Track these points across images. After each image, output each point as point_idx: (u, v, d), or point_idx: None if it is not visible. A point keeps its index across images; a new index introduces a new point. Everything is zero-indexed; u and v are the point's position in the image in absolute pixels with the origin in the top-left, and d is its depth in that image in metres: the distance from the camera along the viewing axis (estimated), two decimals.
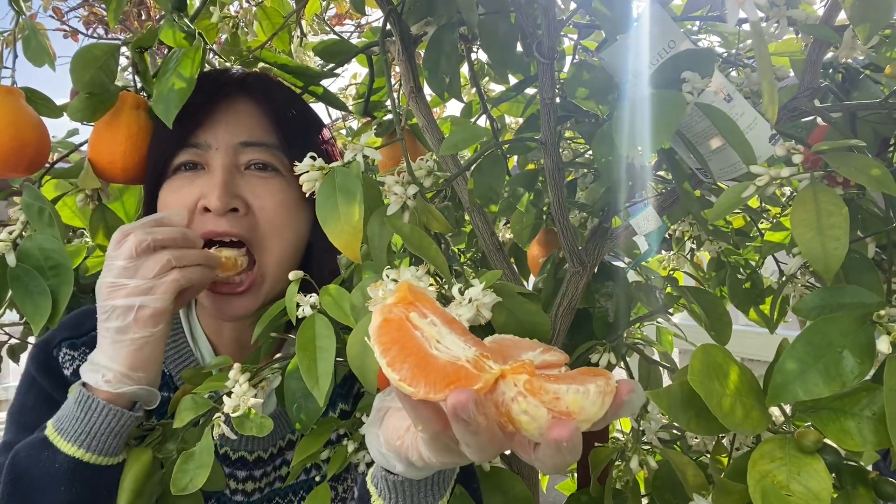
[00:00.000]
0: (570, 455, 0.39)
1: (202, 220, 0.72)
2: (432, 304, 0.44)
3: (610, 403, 0.39)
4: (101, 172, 0.75)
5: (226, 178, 0.72)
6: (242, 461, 0.78)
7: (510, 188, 0.91)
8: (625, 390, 0.39)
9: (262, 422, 0.56)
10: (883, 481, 0.55)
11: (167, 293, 0.62)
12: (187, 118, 0.73)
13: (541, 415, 0.38)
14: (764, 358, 2.03)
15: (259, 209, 0.74)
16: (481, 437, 0.39)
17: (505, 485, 0.68)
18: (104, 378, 0.61)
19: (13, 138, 0.67)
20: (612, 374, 0.41)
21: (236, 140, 0.74)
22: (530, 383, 0.38)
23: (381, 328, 0.41)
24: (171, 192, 0.74)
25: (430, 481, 0.55)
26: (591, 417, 0.38)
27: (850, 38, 0.67)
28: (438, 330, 0.42)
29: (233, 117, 0.75)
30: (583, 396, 0.38)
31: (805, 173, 0.56)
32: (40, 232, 0.67)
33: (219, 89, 0.76)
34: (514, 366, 0.40)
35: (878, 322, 0.50)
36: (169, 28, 0.70)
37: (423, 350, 0.40)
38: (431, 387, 0.38)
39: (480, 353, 0.41)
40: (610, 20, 0.73)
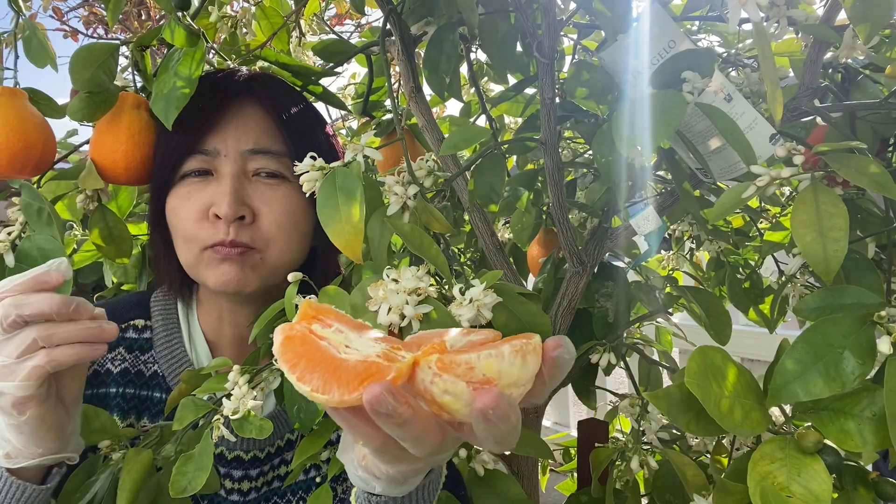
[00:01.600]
0: (504, 424, 0.36)
1: (211, 228, 0.73)
2: (336, 314, 0.43)
3: (537, 363, 0.37)
4: (103, 173, 0.75)
5: (235, 185, 0.72)
6: (238, 461, 0.78)
7: (510, 188, 0.91)
8: (551, 346, 0.38)
9: (261, 424, 0.56)
10: (883, 482, 0.55)
11: (30, 379, 0.53)
12: (197, 124, 0.73)
13: (461, 389, 0.36)
14: (764, 358, 2.03)
15: (265, 215, 0.74)
16: (414, 428, 0.37)
17: (501, 488, 0.68)
18: (3, 452, 0.57)
19: (20, 140, 0.67)
20: (536, 334, 0.39)
21: (245, 147, 0.74)
22: (441, 361, 0.37)
23: (283, 346, 0.40)
24: (180, 198, 0.74)
25: (413, 496, 0.55)
26: (517, 380, 0.37)
27: (849, 38, 0.67)
28: (346, 335, 0.41)
29: (241, 123, 0.75)
30: (497, 359, 0.36)
31: (805, 174, 0.56)
32: (39, 232, 0.67)
33: (227, 94, 0.76)
34: (425, 349, 0.38)
35: (878, 322, 0.50)
36: (171, 26, 0.69)
37: (331, 356, 0.38)
38: (345, 389, 0.36)
39: (392, 346, 0.39)
40: (610, 20, 0.73)
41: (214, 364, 0.65)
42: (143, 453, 0.59)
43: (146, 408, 0.77)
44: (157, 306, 0.82)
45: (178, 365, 0.78)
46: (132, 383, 0.77)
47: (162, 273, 0.81)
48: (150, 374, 0.78)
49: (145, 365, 0.78)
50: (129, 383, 0.77)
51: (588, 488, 0.82)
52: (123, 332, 0.79)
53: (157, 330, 0.80)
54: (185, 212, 0.73)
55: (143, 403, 0.77)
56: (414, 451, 0.40)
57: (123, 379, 0.77)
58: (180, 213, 0.74)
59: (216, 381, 0.61)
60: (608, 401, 1.77)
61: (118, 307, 0.81)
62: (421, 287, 0.53)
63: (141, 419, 0.76)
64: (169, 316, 0.81)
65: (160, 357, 0.78)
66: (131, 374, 0.77)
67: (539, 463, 1.07)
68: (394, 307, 0.52)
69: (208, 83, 0.76)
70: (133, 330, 0.80)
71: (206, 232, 0.73)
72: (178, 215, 0.74)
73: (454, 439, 0.42)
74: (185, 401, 0.60)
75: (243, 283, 0.73)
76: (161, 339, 0.79)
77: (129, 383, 0.77)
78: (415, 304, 0.52)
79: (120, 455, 0.62)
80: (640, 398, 0.86)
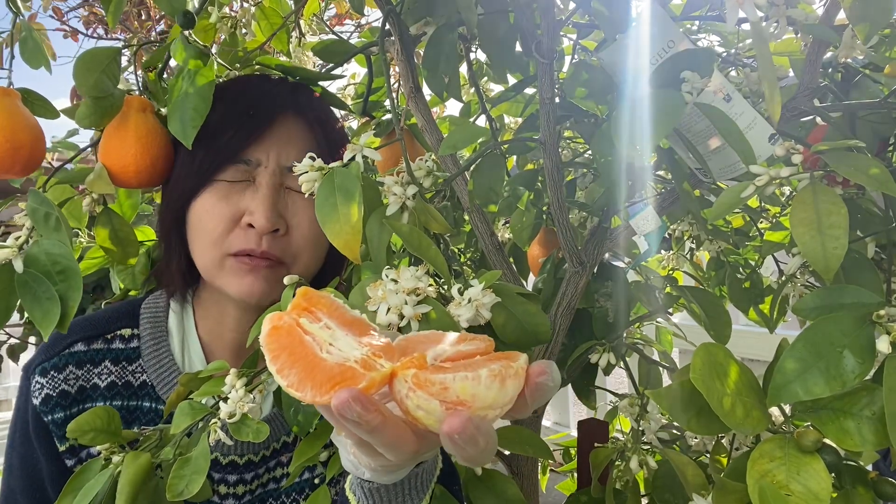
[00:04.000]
0: (471, 447, 0.36)
1: (243, 236, 0.73)
2: (329, 306, 0.43)
3: (517, 386, 0.37)
4: (114, 177, 0.75)
5: (273, 197, 0.73)
6: (233, 465, 0.77)
7: (510, 188, 0.91)
8: (535, 372, 0.38)
9: (258, 427, 0.56)
10: (882, 481, 0.55)
11: None
12: (240, 136, 0.74)
13: (433, 408, 0.36)
14: (764, 358, 2.03)
15: (296, 227, 0.75)
16: (385, 435, 0.37)
17: (498, 488, 0.68)
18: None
19: (7, 140, 0.67)
20: (524, 355, 0.39)
21: (285, 163, 0.75)
22: (416, 377, 0.37)
23: (269, 336, 0.40)
24: (214, 198, 0.74)
25: (405, 485, 0.55)
26: (493, 403, 0.37)
27: (849, 38, 0.67)
28: (332, 333, 0.41)
29: (284, 138, 0.76)
30: (472, 383, 0.36)
31: (804, 173, 0.56)
32: (47, 237, 0.66)
33: (274, 107, 0.76)
34: (404, 361, 0.38)
35: (877, 322, 0.50)
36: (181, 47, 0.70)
37: (312, 354, 0.39)
38: (317, 390, 0.37)
39: (373, 352, 0.39)
40: (609, 20, 0.73)
41: (212, 367, 0.64)
42: (141, 456, 0.59)
43: (135, 418, 0.77)
44: (147, 314, 0.81)
45: (167, 374, 0.78)
46: (119, 395, 0.77)
47: (165, 273, 0.81)
48: (138, 384, 0.78)
49: (133, 375, 0.78)
50: (117, 395, 0.77)
51: (588, 488, 0.82)
52: (109, 343, 0.79)
53: (145, 339, 0.79)
54: (216, 215, 0.73)
55: (133, 414, 0.77)
56: (388, 456, 0.40)
57: (110, 392, 0.76)
58: (212, 214, 0.73)
59: (213, 384, 0.61)
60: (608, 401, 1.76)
61: (104, 318, 0.81)
62: (420, 287, 0.53)
63: (131, 429, 0.76)
64: (158, 324, 0.80)
65: (148, 366, 0.78)
66: (118, 385, 0.77)
67: (539, 463, 1.07)
68: (393, 307, 0.52)
69: (255, 92, 0.77)
70: (120, 340, 0.79)
71: (237, 238, 0.73)
72: (209, 216, 0.74)
73: (433, 444, 0.42)
74: (182, 405, 0.60)
75: (267, 295, 0.74)
76: (149, 347, 0.79)
77: (115, 395, 0.76)
78: (414, 305, 0.52)
79: (119, 458, 0.61)
80: (639, 398, 0.86)
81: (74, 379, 0.75)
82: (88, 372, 0.76)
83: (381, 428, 0.37)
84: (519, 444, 0.73)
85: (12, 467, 0.76)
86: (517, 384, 0.37)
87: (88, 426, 0.62)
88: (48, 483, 0.74)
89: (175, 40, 0.71)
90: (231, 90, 0.78)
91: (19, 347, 1.74)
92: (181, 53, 0.70)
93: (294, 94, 0.79)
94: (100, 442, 0.62)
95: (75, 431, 0.61)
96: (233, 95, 0.76)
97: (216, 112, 0.71)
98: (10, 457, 0.76)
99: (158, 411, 0.77)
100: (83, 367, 0.76)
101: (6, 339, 1.73)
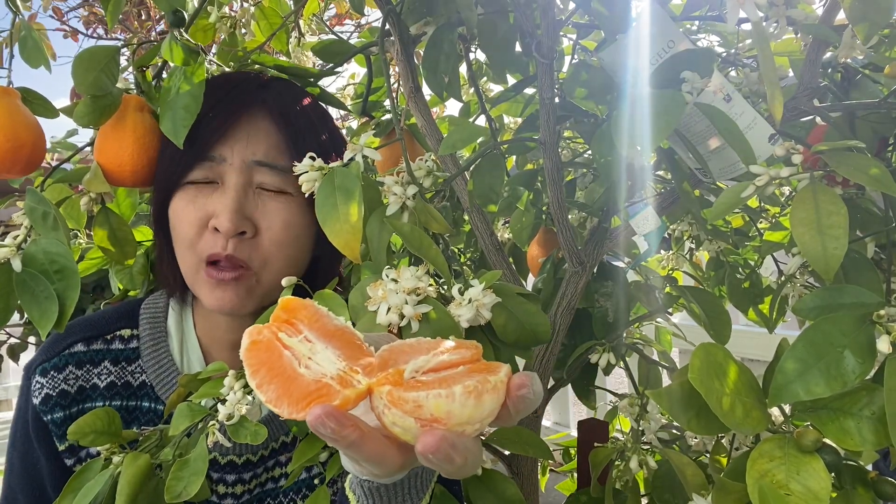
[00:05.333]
0: (447, 465, 0.36)
1: (210, 239, 0.72)
2: (311, 317, 0.43)
3: (496, 399, 0.37)
4: (109, 176, 0.75)
5: (239, 199, 0.71)
6: (231, 465, 0.77)
7: (509, 188, 0.91)
8: (515, 386, 0.37)
9: (256, 429, 0.56)
10: (882, 481, 0.55)
11: None
12: (206, 134, 0.72)
13: (409, 425, 0.37)
14: (763, 358, 2.03)
15: (266, 229, 0.73)
16: (364, 450, 0.37)
17: (498, 487, 0.68)
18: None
19: (9, 139, 0.67)
20: (506, 367, 0.39)
21: (251, 158, 0.73)
22: (391, 394, 0.37)
23: (249, 351, 0.40)
24: (182, 203, 0.73)
25: (405, 484, 0.55)
26: (470, 419, 0.36)
27: (849, 38, 0.67)
28: (312, 346, 0.41)
29: (252, 134, 0.74)
30: (446, 400, 0.36)
31: (804, 173, 0.56)
32: (45, 236, 0.66)
33: (239, 103, 0.74)
34: (380, 378, 0.38)
35: (877, 322, 0.50)
36: (171, 45, 0.69)
37: (290, 370, 0.39)
38: (294, 406, 0.37)
39: (351, 367, 0.39)
40: (609, 20, 0.73)
41: (211, 369, 0.64)
42: (141, 457, 0.59)
43: (135, 418, 0.77)
44: (146, 314, 0.81)
45: (166, 374, 0.78)
46: (119, 395, 0.77)
47: (162, 275, 0.81)
48: (137, 384, 0.78)
49: (132, 375, 0.78)
50: (116, 395, 0.77)
51: (588, 488, 0.82)
52: (109, 343, 0.79)
53: (144, 339, 0.79)
54: (186, 219, 0.72)
55: (132, 414, 0.77)
56: (371, 469, 0.40)
57: (109, 392, 0.77)
58: (182, 219, 0.73)
59: (212, 385, 0.61)
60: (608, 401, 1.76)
61: (104, 318, 0.81)
62: (420, 287, 0.53)
63: (130, 429, 0.77)
64: (157, 324, 0.80)
65: (147, 367, 0.78)
66: (118, 385, 0.77)
67: (539, 463, 1.07)
68: (393, 307, 0.52)
69: (222, 89, 0.75)
70: (119, 341, 0.79)
71: (206, 243, 0.72)
72: (180, 221, 0.73)
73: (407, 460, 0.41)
74: (181, 406, 0.60)
75: (238, 307, 0.73)
76: (148, 348, 0.79)
77: (115, 395, 0.77)
78: (414, 304, 0.52)
79: (119, 458, 0.61)
80: (639, 398, 0.86)
81: (74, 379, 0.76)
82: (88, 372, 0.77)
83: (360, 443, 0.37)
84: (519, 444, 0.73)
85: (13, 466, 0.76)
86: (496, 398, 0.37)
87: (89, 428, 0.62)
88: (48, 482, 0.74)
89: (166, 39, 0.71)
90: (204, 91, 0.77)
91: (19, 347, 1.74)
92: (172, 52, 0.70)
93: (262, 88, 0.77)
94: (100, 443, 0.62)
95: (76, 434, 0.61)
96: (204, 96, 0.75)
97: None
98: (11, 456, 0.77)
99: (157, 411, 0.77)
100: (83, 367, 0.77)
101: (6, 339, 1.73)
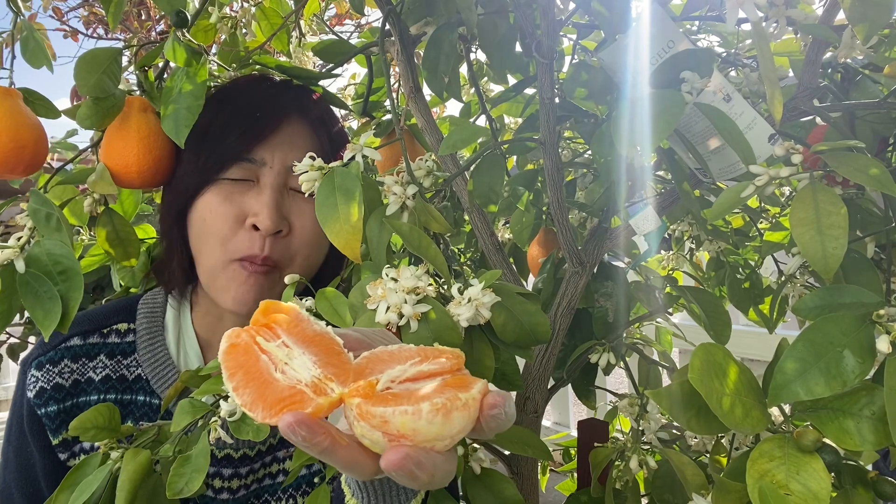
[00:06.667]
0: (410, 481, 0.36)
1: (246, 238, 0.73)
2: (290, 322, 0.43)
3: (467, 416, 0.37)
4: (116, 178, 0.75)
5: (277, 199, 0.74)
6: (228, 459, 0.78)
7: (510, 188, 0.91)
8: (487, 405, 0.37)
9: (258, 426, 0.56)
10: (882, 481, 0.55)
11: None
12: (248, 135, 0.74)
13: (377, 439, 0.37)
14: (763, 358, 2.03)
15: (299, 228, 0.76)
16: (337, 457, 0.38)
17: (496, 487, 0.68)
18: None
19: (11, 140, 0.67)
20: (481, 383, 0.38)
21: (290, 163, 0.75)
22: (360, 407, 0.37)
23: (227, 354, 0.40)
24: (217, 198, 0.74)
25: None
26: (438, 436, 0.36)
27: (848, 38, 0.67)
28: (289, 352, 0.41)
29: (289, 139, 0.77)
30: (412, 417, 0.36)
31: (804, 173, 0.56)
32: (48, 237, 0.67)
33: (281, 108, 0.77)
34: (351, 389, 0.38)
35: (877, 322, 0.50)
36: (173, 46, 0.70)
37: (265, 374, 0.39)
38: (267, 412, 0.37)
39: (325, 375, 0.39)
40: (609, 20, 0.73)
41: (212, 365, 0.64)
42: (141, 454, 0.59)
43: (129, 411, 0.77)
44: (144, 309, 0.82)
45: (162, 368, 0.78)
46: (114, 388, 0.77)
47: (166, 271, 0.81)
48: (133, 377, 0.78)
49: (128, 369, 0.78)
50: (111, 389, 0.77)
51: (588, 488, 0.82)
52: (105, 337, 0.79)
53: (141, 333, 0.80)
54: (220, 215, 0.74)
55: (127, 407, 0.77)
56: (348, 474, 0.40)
57: (105, 385, 0.77)
58: (217, 213, 0.74)
59: (213, 382, 0.61)
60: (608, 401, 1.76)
61: (102, 313, 0.81)
62: (419, 286, 0.53)
63: (125, 423, 0.77)
64: (154, 319, 0.81)
65: (143, 360, 0.78)
66: (113, 379, 0.78)
67: (539, 463, 1.07)
68: (392, 306, 0.52)
69: (261, 95, 0.78)
70: (116, 334, 0.80)
71: (241, 241, 0.74)
72: (214, 216, 0.74)
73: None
74: (183, 403, 0.60)
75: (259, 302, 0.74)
76: (144, 342, 0.79)
77: (110, 389, 0.77)
78: (413, 304, 0.52)
79: (118, 454, 0.62)
80: (639, 398, 0.86)
81: (69, 372, 0.76)
82: (83, 366, 0.77)
83: (332, 450, 0.37)
84: (519, 444, 0.73)
85: (8, 461, 0.76)
86: (466, 415, 0.37)
87: (90, 423, 0.62)
88: (41, 476, 0.75)
89: (168, 39, 0.71)
90: (236, 92, 0.78)
91: (19, 347, 1.73)
92: (174, 53, 0.70)
93: (298, 96, 0.81)
94: (100, 439, 0.63)
95: (77, 429, 0.61)
96: (238, 97, 0.77)
97: (223, 113, 0.72)
98: (6, 451, 0.77)
99: (152, 405, 0.78)
100: (78, 360, 0.77)
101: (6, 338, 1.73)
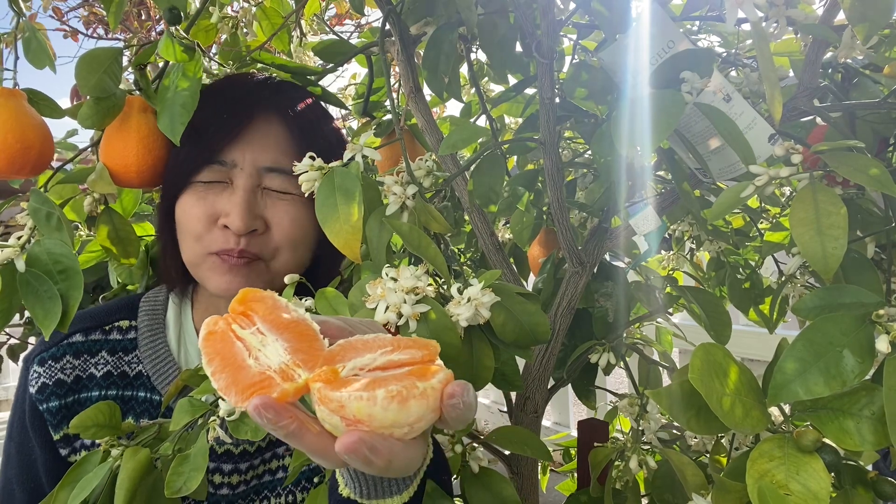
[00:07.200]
0: (364, 466, 0.37)
1: (220, 236, 0.73)
2: (266, 309, 0.44)
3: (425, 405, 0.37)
4: (115, 177, 0.76)
5: (249, 199, 0.73)
6: (228, 454, 0.78)
7: (510, 188, 0.91)
8: (447, 394, 0.38)
9: (256, 426, 0.56)
10: (882, 481, 0.55)
11: None
12: (218, 136, 0.73)
13: (336, 423, 0.38)
14: (763, 358, 2.03)
15: (276, 226, 0.75)
16: (303, 441, 0.38)
17: (495, 487, 0.68)
18: None
19: (18, 140, 0.67)
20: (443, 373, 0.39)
21: (262, 164, 0.75)
22: (320, 392, 0.38)
23: (205, 340, 0.42)
24: (192, 199, 0.75)
25: None
26: (395, 423, 0.37)
27: (849, 38, 0.67)
28: (263, 339, 0.42)
29: (261, 139, 0.75)
30: (367, 403, 0.37)
31: (804, 173, 0.56)
32: (48, 236, 0.67)
33: (250, 107, 0.76)
34: (315, 374, 0.39)
35: (877, 322, 0.50)
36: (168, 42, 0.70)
37: (239, 360, 0.40)
38: (238, 396, 0.39)
39: (294, 361, 0.40)
40: (609, 20, 0.73)
41: None
42: (141, 452, 0.59)
43: (130, 408, 0.78)
44: (146, 306, 0.82)
45: (163, 364, 0.79)
46: (115, 385, 0.78)
47: (164, 269, 0.82)
48: (134, 374, 0.79)
49: (129, 365, 0.79)
50: (112, 385, 0.77)
51: (588, 488, 0.82)
52: (107, 334, 0.80)
53: (143, 330, 0.80)
54: (195, 214, 0.74)
55: (128, 404, 0.78)
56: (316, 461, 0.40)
57: (106, 381, 0.77)
58: (190, 214, 0.74)
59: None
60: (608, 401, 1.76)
61: (104, 310, 0.82)
62: (419, 286, 0.53)
63: (126, 419, 0.77)
64: (156, 316, 0.81)
65: (144, 357, 0.79)
66: (114, 375, 0.78)
67: (539, 463, 1.07)
68: (391, 305, 0.52)
69: (234, 92, 0.77)
70: (117, 331, 0.80)
71: (215, 238, 0.74)
72: (189, 216, 0.75)
73: None
74: (182, 402, 0.60)
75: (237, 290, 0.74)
76: (145, 338, 0.80)
77: (111, 385, 0.77)
78: (412, 303, 0.52)
79: (118, 451, 0.62)
80: (639, 398, 0.86)
81: (71, 368, 0.76)
82: (85, 362, 0.77)
83: (299, 434, 0.38)
84: (518, 444, 0.73)
85: (10, 457, 0.77)
86: (424, 404, 0.37)
87: (91, 421, 0.62)
88: (42, 472, 0.75)
89: (162, 37, 0.71)
90: (214, 90, 0.78)
91: (19, 347, 1.73)
92: (168, 50, 0.70)
93: (275, 93, 0.78)
94: (101, 436, 0.63)
95: (78, 427, 0.61)
96: (214, 95, 0.76)
97: (202, 112, 0.71)
98: (8, 447, 0.77)
99: (153, 401, 0.78)
100: (80, 357, 0.77)
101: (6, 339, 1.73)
